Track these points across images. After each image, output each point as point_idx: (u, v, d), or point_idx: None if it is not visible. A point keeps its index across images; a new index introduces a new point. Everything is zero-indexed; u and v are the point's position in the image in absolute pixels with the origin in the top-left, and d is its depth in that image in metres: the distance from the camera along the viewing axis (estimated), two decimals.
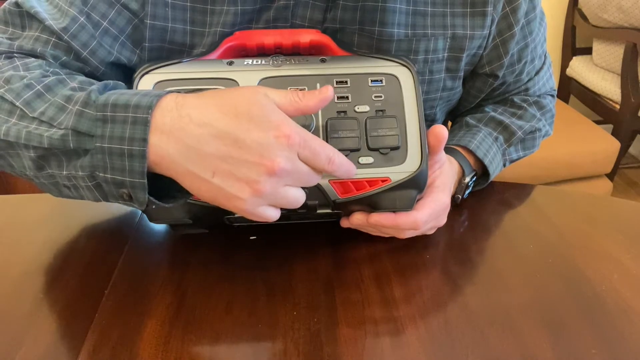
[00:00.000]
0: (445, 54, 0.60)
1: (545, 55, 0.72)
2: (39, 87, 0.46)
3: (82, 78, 0.49)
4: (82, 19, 0.51)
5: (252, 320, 0.47)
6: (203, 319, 0.47)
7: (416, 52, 0.59)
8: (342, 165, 0.44)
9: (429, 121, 0.67)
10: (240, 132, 0.39)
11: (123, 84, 0.48)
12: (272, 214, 0.43)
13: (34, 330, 0.46)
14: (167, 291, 0.50)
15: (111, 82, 0.47)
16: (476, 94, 0.68)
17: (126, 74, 0.56)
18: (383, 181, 0.48)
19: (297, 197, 0.43)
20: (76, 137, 0.42)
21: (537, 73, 0.71)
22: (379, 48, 0.58)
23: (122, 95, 0.42)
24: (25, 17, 0.52)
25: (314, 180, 0.44)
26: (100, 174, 0.42)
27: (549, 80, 0.75)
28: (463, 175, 0.62)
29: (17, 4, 0.52)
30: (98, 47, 0.53)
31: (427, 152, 0.49)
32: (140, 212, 0.48)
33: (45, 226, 0.60)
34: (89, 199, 0.46)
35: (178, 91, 0.42)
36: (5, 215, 0.63)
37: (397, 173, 0.48)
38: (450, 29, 0.59)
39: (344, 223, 0.54)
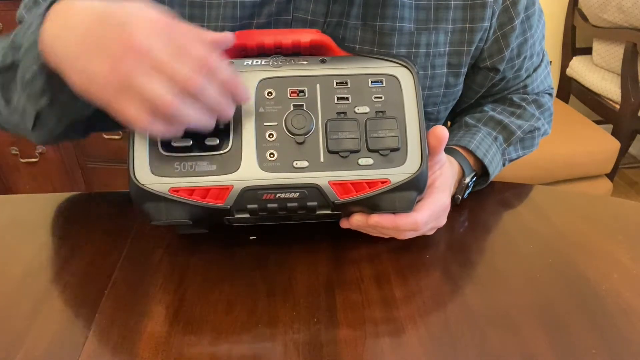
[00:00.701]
0: (447, 48, 0.60)
1: (543, 53, 0.72)
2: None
3: None
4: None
5: (252, 320, 0.47)
6: (203, 319, 0.47)
7: (417, 45, 0.59)
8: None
9: (431, 119, 0.67)
10: (111, 6, 0.39)
11: None
12: (139, 115, 0.38)
13: (34, 330, 0.46)
14: (167, 291, 0.50)
15: None
16: (477, 89, 0.68)
17: None
18: (383, 182, 0.48)
19: (164, 96, 0.38)
20: (11, 51, 0.47)
21: (535, 70, 0.72)
22: (381, 42, 0.58)
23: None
24: None
25: (185, 76, 0.38)
26: (24, 77, 0.45)
27: (547, 78, 0.75)
28: (463, 175, 0.62)
29: (18, 20, 0.58)
30: None
31: (427, 154, 0.49)
32: (140, 213, 0.48)
33: (45, 226, 0.60)
34: (32, 127, 0.49)
35: None
36: (6, 215, 0.63)
37: (397, 174, 0.48)
38: (452, 22, 0.59)
39: (344, 224, 0.54)
